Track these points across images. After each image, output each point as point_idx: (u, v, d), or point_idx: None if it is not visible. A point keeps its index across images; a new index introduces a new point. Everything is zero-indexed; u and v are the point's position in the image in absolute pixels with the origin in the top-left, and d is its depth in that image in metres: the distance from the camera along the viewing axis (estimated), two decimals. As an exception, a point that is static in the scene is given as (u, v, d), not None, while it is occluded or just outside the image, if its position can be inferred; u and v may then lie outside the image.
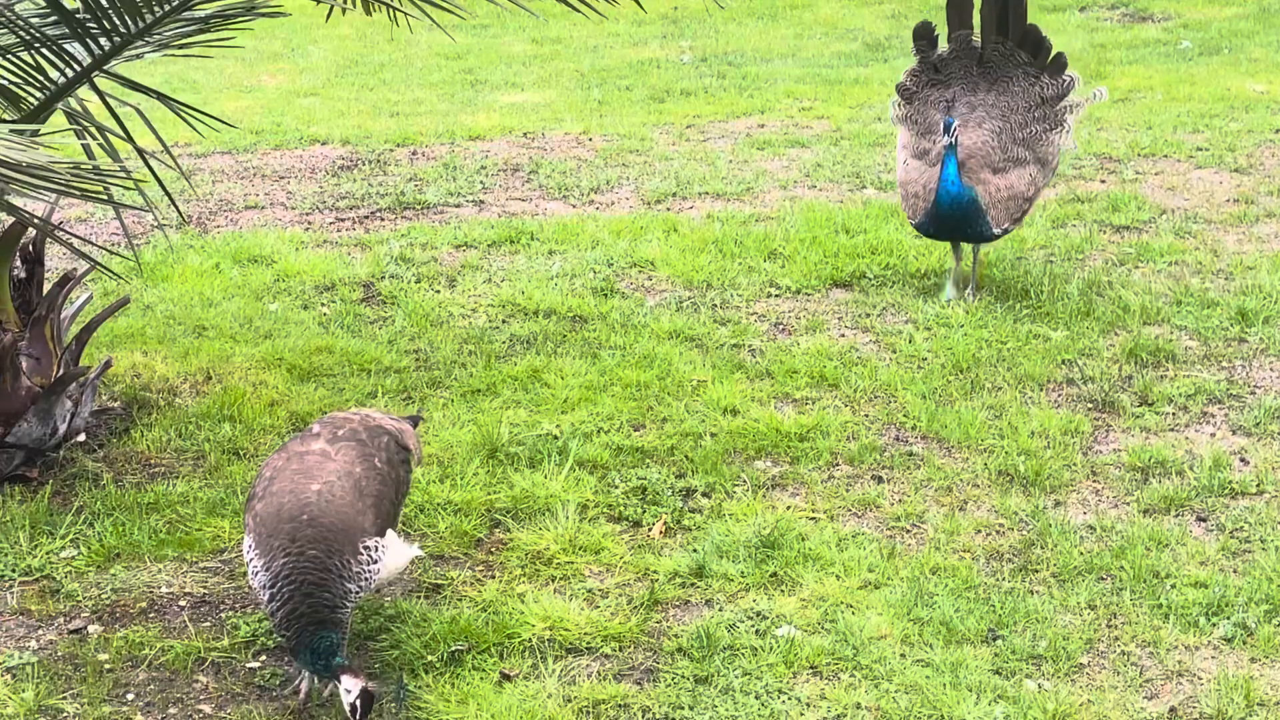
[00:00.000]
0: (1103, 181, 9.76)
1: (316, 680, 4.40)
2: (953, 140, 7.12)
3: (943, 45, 7.64)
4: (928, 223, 7.38)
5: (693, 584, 5.06)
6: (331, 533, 4.29)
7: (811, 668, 4.60)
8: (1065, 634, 4.75)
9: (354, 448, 4.56)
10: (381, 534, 4.44)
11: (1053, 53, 7.49)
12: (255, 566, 4.30)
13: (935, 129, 7.41)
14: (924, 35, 7.63)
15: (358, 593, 4.34)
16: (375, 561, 4.37)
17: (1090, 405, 6.42)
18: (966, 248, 7.60)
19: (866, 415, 6.33)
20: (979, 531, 5.41)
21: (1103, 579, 5.09)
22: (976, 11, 7.54)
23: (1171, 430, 6.21)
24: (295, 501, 4.32)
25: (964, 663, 4.58)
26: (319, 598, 4.21)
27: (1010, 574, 5.12)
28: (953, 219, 7.27)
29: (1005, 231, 7.43)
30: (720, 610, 4.91)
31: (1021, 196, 7.37)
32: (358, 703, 4.09)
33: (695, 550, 5.25)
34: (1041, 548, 5.28)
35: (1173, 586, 5.02)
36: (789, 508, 5.55)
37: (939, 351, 6.93)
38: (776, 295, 7.79)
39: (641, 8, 6.24)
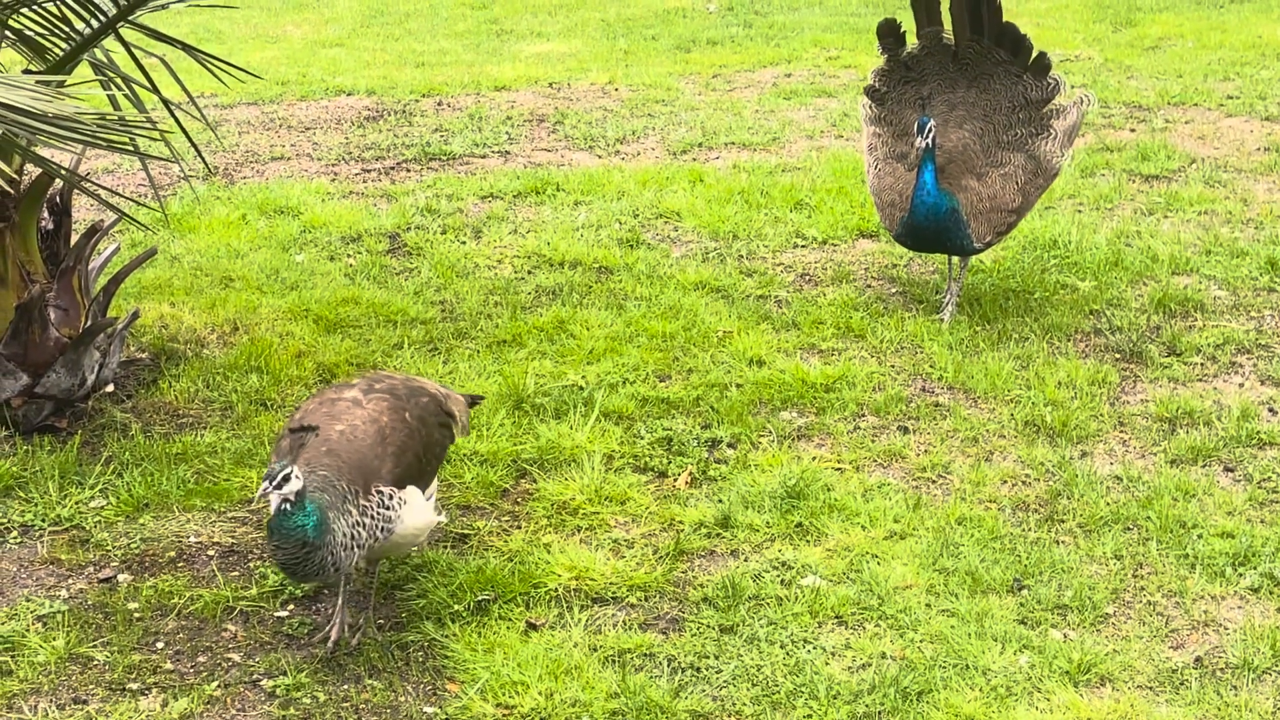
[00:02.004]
0: (1132, 130, 9.69)
1: (343, 619, 4.45)
2: (929, 143, 6.41)
3: (911, 42, 6.97)
4: (904, 234, 6.65)
5: (718, 534, 5.07)
6: (346, 465, 4.30)
7: (837, 617, 4.60)
8: (1091, 584, 4.75)
9: (386, 399, 4.55)
10: (400, 485, 4.40)
11: (1034, 52, 6.76)
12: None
13: (913, 129, 6.60)
14: (890, 33, 6.91)
15: (364, 533, 4.27)
16: (388, 509, 4.33)
17: (1118, 355, 6.39)
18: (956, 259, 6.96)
19: (893, 366, 6.31)
20: (1005, 482, 5.40)
21: (1129, 529, 5.08)
22: (946, 9, 6.84)
23: (1199, 380, 6.18)
24: (318, 436, 4.34)
25: (989, 612, 4.59)
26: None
27: (1036, 524, 5.11)
28: (930, 230, 6.53)
29: (988, 245, 6.69)
30: (745, 560, 4.92)
31: (1006, 209, 6.62)
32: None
33: (721, 500, 5.25)
34: (1068, 498, 5.27)
35: (1199, 537, 5.01)
36: (814, 458, 5.55)
37: (967, 302, 6.90)
38: (803, 246, 7.77)
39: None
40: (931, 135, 6.43)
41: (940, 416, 5.89)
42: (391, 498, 4.36)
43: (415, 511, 4.45)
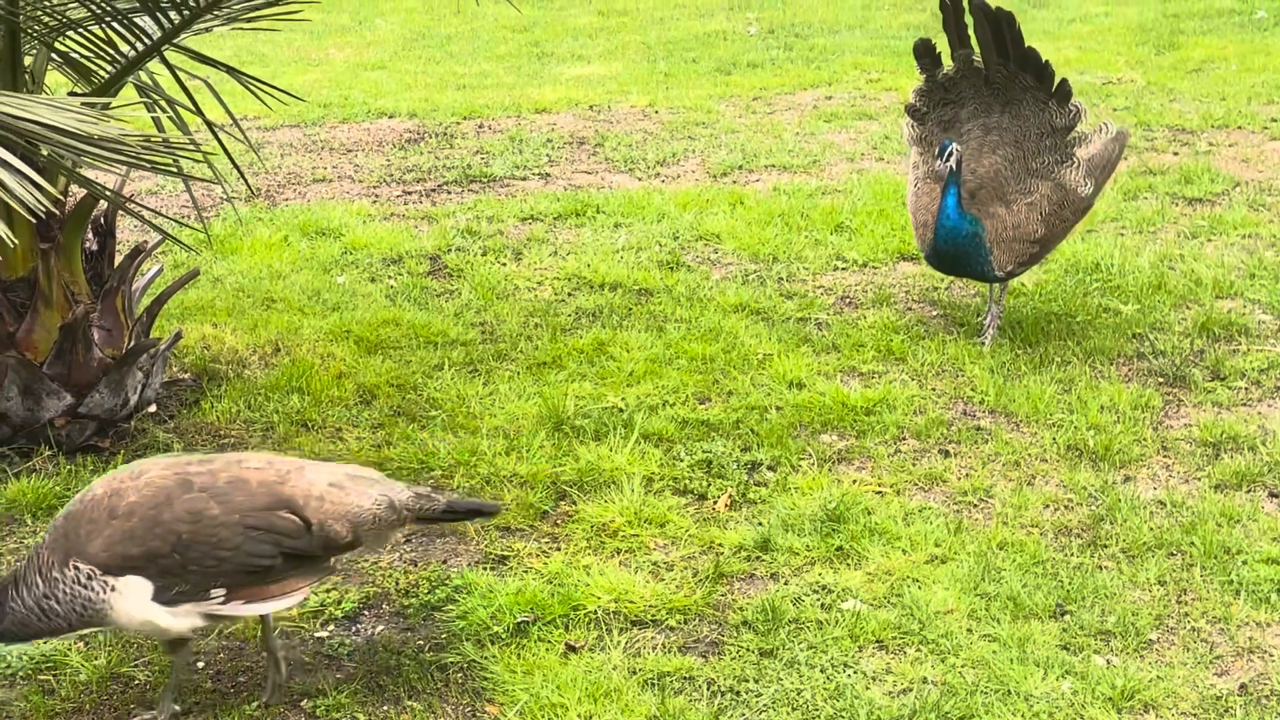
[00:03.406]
0: (1175, 153, 9.64)
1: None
2: (952, 166, 6.38)
3: (948, 63, 6.86)
4: (930, 255, 6.67)
5: (758, 557, 5.05)
6: (58, 531, 4.04)
7: (877, 642, 4.58)
8: (1134, 610, 4.71)
9: (170, 480, 4.07)
10: (113, 570, 3.98)
11: (1056, 79, 6.67)
12: None
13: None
14: (926, 53, 6.83)
15: (59, 608, 3.98)
16: (85, 589, 3.96)
17: (1161, 380, 6.35)
18: (982, 288, 6.93)
19: (934, 389, 6.29)
20: (1047, 506, 5.37)
21: (1173, 555, 5.04)
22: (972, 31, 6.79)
23: (1243, 405, 6.13)
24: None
25: (1031, 638, 4.55)
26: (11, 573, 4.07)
27: (1079, 549, 5.08)
28: (950, 254, 6.53)
29: (1010, 275, 6.64)
30: (785, 584, 4.90)
31: (1029, 239, 6.55)
32: None
33: (760, 524, 5.24)
34: (1111, 523, 5.23)
35: (1244, 563, 4.96)
36: (855, 481, 5.53)
37: (1008, 325, 6.87)
38: (843, 268, 7.75)
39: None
40: (954, 159, 6.39)
41: (982, 440, 5.86)
42: (91, 578, 3.97)
43: (131, 605, 4.01)
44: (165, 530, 3.99)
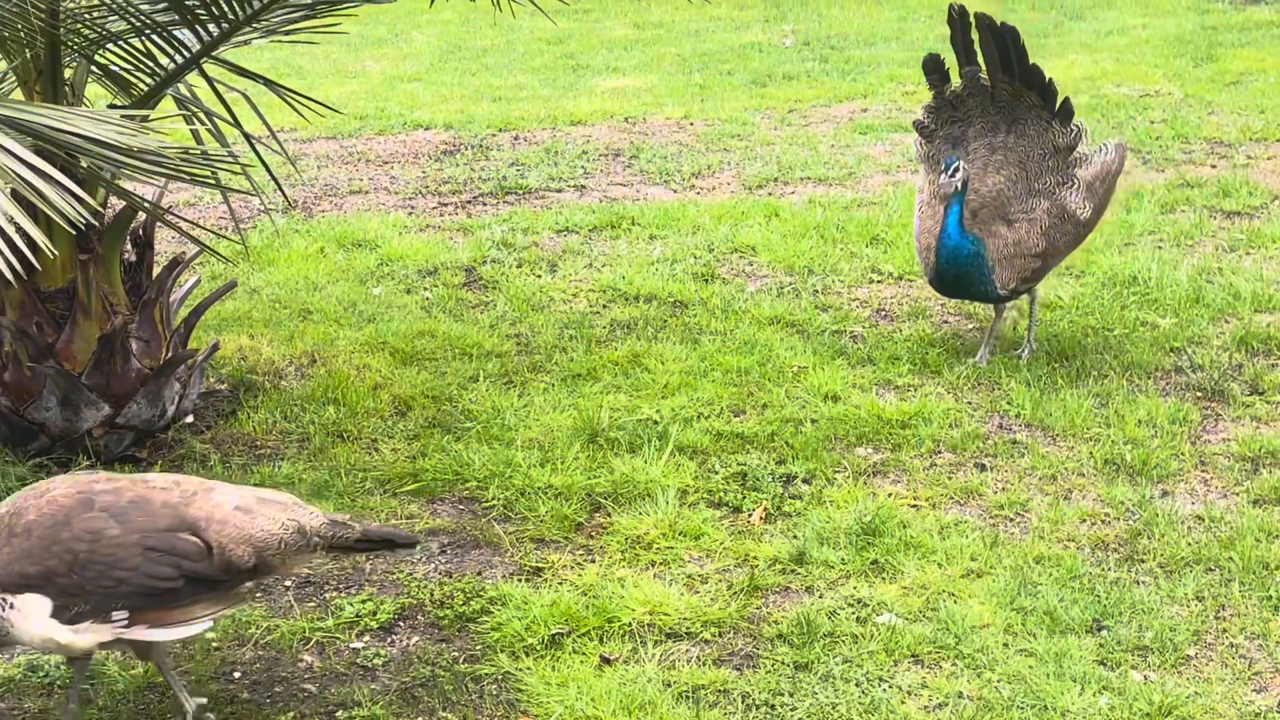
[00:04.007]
0: (1213, 166, 9.59)
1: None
2: (958, 184, 6.30)
3: (956, 80, 6.78)
4: (933, 278, 6.56)
5: (793, 570, 5.04)
6: None
7: (913, 656, 4.56)
8: (1172, 625, 4.68)
9: (71, 499, 4.03)
10: (12, 590, 3.93)
11: (1059, 97, 6.59)
12: None
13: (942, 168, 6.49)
14: (935, 69, 6.74)
15: None
16: None
17: (1199, 394, 6.31)
18: (1020, 302, 6.89)
19: (970, 402, 6.27)
20: (1084, 521, 5.34)
21: (1211, 570, 5.00)
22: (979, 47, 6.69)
23: (1283, 420, 6.09)
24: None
25: (1068, 653, 4.53)
26: None
27: (1116, 564, 5.05)
28: (952, 275, 6.43)
29: (1014, 293, 6.57)
30: (820, 597, 4.88)
31: (1030, 253, 6.46)
32: None
33: (796, 537, 5.22)
34: (1148, 538, 5.20)
35: (1283, 579, 4.93)
36: (890, 495, 5.52)
37: (1044, 338, 6.84)
38: (879, 281, 7.74)
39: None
40: (960, 176, 6.32)
41: (1018, 454, 5.83)
42: None
43: (31, 623, 3.96)
44: (63, 549, 3.93)
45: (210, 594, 4.07)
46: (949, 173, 6.34)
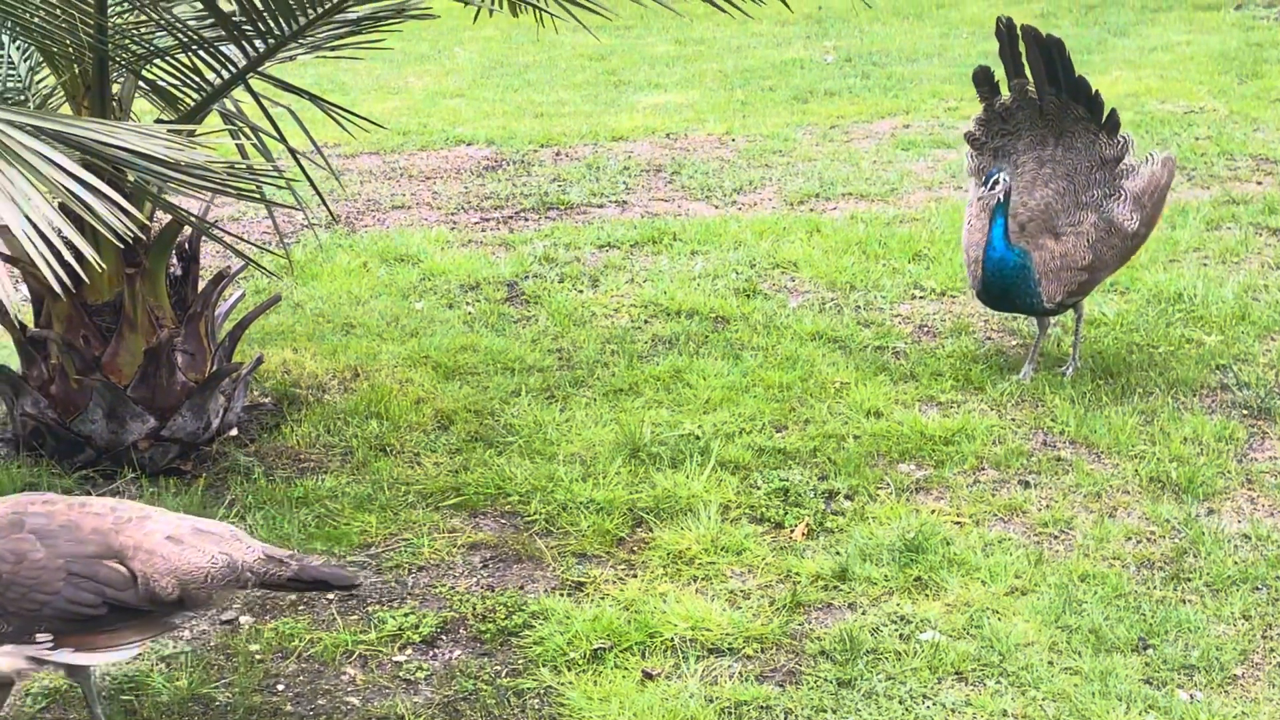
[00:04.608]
0: (1259, 183, 9.53)
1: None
2: (1000, 196, 6.31)
3: (1004, 92, 6.76)
4: (981, 292, 6.58)
5: (835, 587, 5.02)
6: None
7: (956, 673, 4.54)
8: (1219, 644, 4.64)
9: (10, 519, 4.00)
10: None
11: (1106, 109, 6.58)
12: None
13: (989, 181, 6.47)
14: (985, 81, 6.73)
15: None
16: None
17: (1245, 412, 6.27)
18: (1064, 318, 6.88)
19: (1013, 419, 6.24)
20: (1129, 539, 5.31)
21: (1258, 589, 4.96)
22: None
23: (1330, 438, 6.04)
24: None
25: (1113, 671, 4.50)
26: None
27: (1162, 582, 5.01)
28: (998, 287, 6.43)
29: (1061, 306, 6.55)
30: (863, 613, 4.87)
31: (1076, 266, 6.45)
32: None
33: (838, 553, 5.21)
34: (1194, 556, 5.16)
35: (1332, 598, 4.88)
36: (933, 511, 5.49)
37: (1088, 355, 6.81)
38: (921, 297, 7.71)
39: (788, 7, 6.20)
40: (1001, 188, 6.31)
41: (1062, 471, 5.80)
42: None
43: None
44: None
45: (138, 621, 4.04)
46: (989, 185, 6.35)
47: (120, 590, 3.95)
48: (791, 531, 5.39)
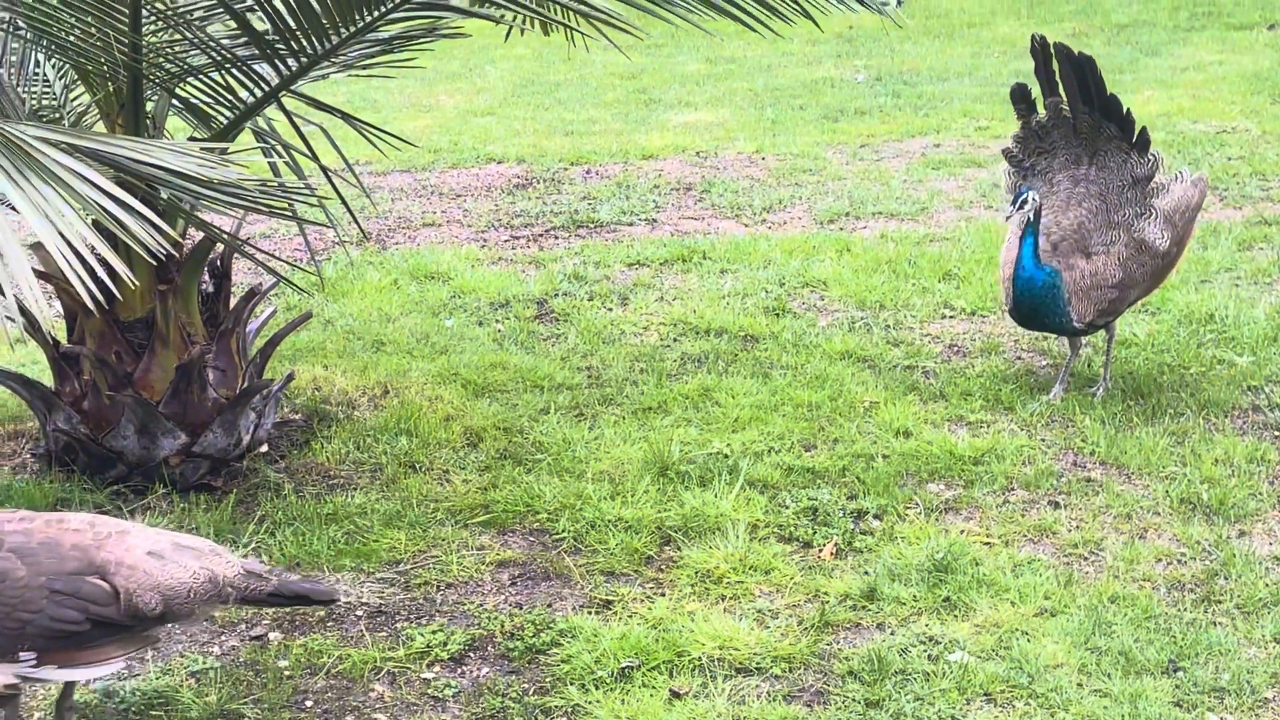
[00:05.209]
0: (1291, 203, 9.49)
1: None
2: (1029, 216, 6.30)
3: (1041, 110, 6.75)
4: (1012, 310, 6.58)
5: (864, 607, 5.01)
6: None
7: (985, 694, 4.52)
8: (1250, 667, 4.62)
9: None
10: None
11: (1137, 127, 6.59)
12: None
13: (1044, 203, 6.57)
14: (1022, 98, 6.75)
15: None
16: None
17: (1277, 433, 6.23)
18: (1095, 338, 6.89)
19: (1043, 440, 6.22)
20: (1160, 560, 5.28)
21: (1290, 612, 4.93)
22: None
23: (1363, 460, 6.00)
24: None
25: (1143, 694, 4.47)
26: None
27: (1192, 604, 4.99)
28: (1028, 306, 6.42)
29: (1092, 326, 6.52)
30: (892, 634, 4.85)
31: (1107, 284, 6.43)
32: None
33: (867, 573, 5.20)
34: (1225, 578, 5.14)
35: (1364, 622, 4.85)
36: (962, 532, 5.48)
37: (1119, 376, 6.78)
38: (951, 316, 7.70)
39: (818, 27, 6.21)
40: (1029, 207, 6.31)
41: (1092, 492, 5.78)
42: None
43: None
44: None
45: (121, 636, 4.04)
46: (1016, 205, 6.35)
47: (103, 606, 3.94)
48: (820, 551, 5.38)
